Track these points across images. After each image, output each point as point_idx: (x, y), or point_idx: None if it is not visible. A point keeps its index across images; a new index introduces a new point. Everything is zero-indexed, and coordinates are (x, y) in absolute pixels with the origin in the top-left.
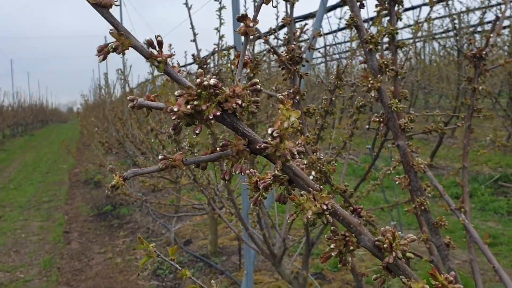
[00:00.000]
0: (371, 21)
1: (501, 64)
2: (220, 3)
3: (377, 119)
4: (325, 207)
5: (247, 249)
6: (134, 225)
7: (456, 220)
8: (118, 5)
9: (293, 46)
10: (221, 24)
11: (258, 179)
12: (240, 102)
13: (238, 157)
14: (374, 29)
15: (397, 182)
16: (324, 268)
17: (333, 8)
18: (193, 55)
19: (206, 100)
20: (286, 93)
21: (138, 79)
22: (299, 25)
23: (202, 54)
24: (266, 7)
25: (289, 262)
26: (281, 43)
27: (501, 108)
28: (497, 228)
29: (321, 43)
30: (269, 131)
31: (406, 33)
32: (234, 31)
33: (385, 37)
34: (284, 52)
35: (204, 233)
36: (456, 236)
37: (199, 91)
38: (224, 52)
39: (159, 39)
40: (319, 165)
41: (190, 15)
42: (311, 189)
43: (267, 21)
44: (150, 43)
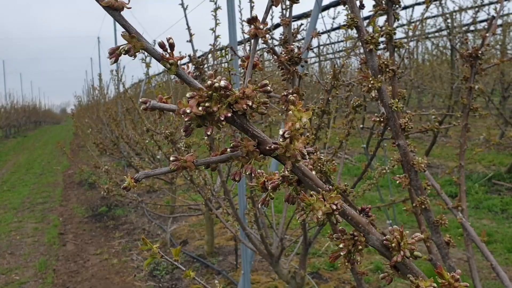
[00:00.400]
0: (367, 21)
1: (496, 64)
2: (216, 3)
3: (378, 119)
4: (334, 207)
5: (244, 249)
6: (129, 226)
7: (450, 218)
8: (130, 7)
9: (292, 47)
10: (216, 24)
11: (266, 180)
12: (250, 104)
13: (248, 158)
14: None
15: (397, 181)
16: (321, 267)
17: (326, 8)
18: (189, 56)
19: (217, 102)
20: (285, 93)
21: (132, 79)
22: (295, 25)
23: (198, 54)
24: (258, 6)
25: (286, 262)
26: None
27: (494, 106)
28: (492, 226)
29: (315, 42)
30: (280, 132)
31: (399, 33)
32: (230, 31)
33: (383, 37)
34: (283, 53)
35: (200, 233)
36: (451, 234)
37: (210, 92)
38: (221, 52)
39: (171, 41)
40: (319, 165)
41: (186, 16)
42: (320, 189)
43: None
44: (162, 45)
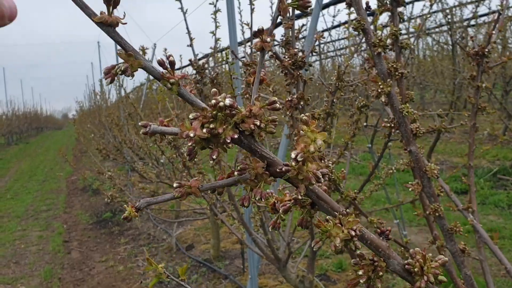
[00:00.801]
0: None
1: (504, 61)
2: (215, 6)
3: (388, 124)
4: (353, 233)
5: (251, 254)
6: (135, 231)
7: (456, 217)
8: (125, 23)
9: (295, 51)
10: (216, 27)
11: (276, 201)
12: (258, 123)
13: (257, 181)
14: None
15: (410, 189)
16: (328, 269)
17: (326, 6)
18: (190, 60)
19: (222, 122)
20: (289, 98)
21: (133, 83)
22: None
23: (198, 56)
24: (258, 7)
25: (294, 265)
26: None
27: (496, 101)
28: (499, 222)
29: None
30: (293, 155)
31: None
32: (230, 34)
33: (389, 38)
34: (286, 57)
35: (206, 237)
36: (460, 237)
37: (214, 112)
38: (222, 55)
39: (171, 59)
40: (327, 173)
41: (185, 20)
42: (336, 213)
43: (260, 21)
44: (161, 63)
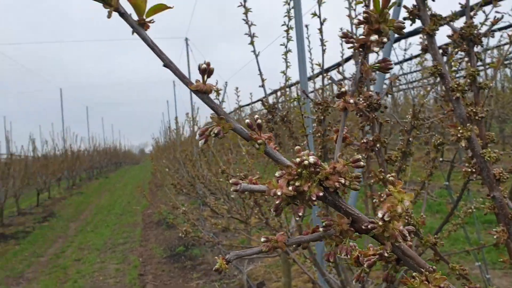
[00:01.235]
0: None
1: None
2: (286, 47)
3: (469, 169)
4: None
5: None
6: (206, 266)
7: None
8: (218, 90)
9: (369, 93)
10: (287, 67)
11: (360, 254)
12: (343, 181)
13: (342, 237)
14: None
15: (495, 236)
16: None
17: (397, 40)
18: (262, 101)
19: (307, 180)
20: (365, 140)
21: (206, 118)
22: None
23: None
24: (329, 38)
25: None
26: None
27: None
28: None
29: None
30: (379, 215)
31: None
32: (300, 73)
33: (466, 79)
34: (361, 99)
35: (277, 274)
36: None
37: (299, 170)
38: (291, 90)
39: (259, 121)
40: (406, 218)
41: (258, 62)
42: (423, 269)
43: (329, 55)
44: (250, 125)
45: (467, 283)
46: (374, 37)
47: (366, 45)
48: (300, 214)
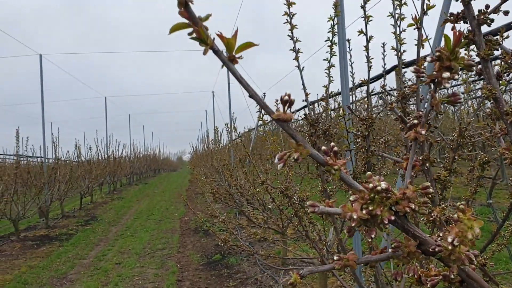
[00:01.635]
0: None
1: None
2: (329, 61)
3: None
4: None
5: None
6: (242, 275)
7: None
8: (296, 120)
9: (420, 113)
10: (329, 81)
11: (421, 274)
12: (413, 207)
13: (409, 258)
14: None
15: None
16: None
17: None
18: (305, 115)
19: (379, 204)
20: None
21: (243, 128)
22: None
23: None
24: (373, 49)
25: None
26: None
27: None
28: None
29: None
30: (449, 239)
31: None
32: (342, 88)
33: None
34: (412, 119)
35: (313, 286)
36: None
37: (371, 195)
38: (334, 102)
39: (335, 149)
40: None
41: (302, 77)
42: None
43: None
44: (326, 152)
45: None
46: (446, 74)
47: (437, 80)
48: (373, 236)
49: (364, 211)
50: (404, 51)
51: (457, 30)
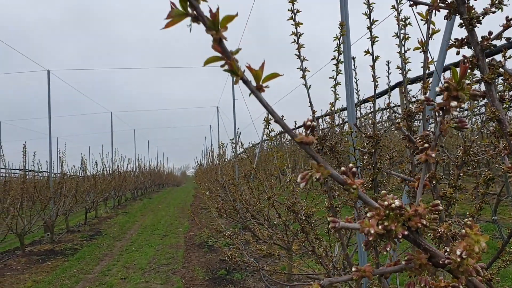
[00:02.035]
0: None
1: None
2: (335, 79)
3: None
4: None
5: None
6: None
7: None
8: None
9: (426, 132)
10: (336, 99)
11: (432, 285)
12: (424, 222)
13: (421, 270)
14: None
15: None
16: None
17: (444, 70)
18: (312, 131)
19: (393, 221)
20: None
21: (248, 143)
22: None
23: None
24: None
25: None
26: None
27: None
28: None
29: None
30: (458, 252)
31: None
32: (348, 106)
33: None
34: (418, 139)
35: None
36: None
37: (387, 212)
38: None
39: (354, 170)
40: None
41: (308, 95)
42: None
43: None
44: (345, 172)
45: None
46: (454, 103)
47: (445, 108)
48: (388, 249)
49: (380, 227)
50: (409, 70)
51: (463, 63)
